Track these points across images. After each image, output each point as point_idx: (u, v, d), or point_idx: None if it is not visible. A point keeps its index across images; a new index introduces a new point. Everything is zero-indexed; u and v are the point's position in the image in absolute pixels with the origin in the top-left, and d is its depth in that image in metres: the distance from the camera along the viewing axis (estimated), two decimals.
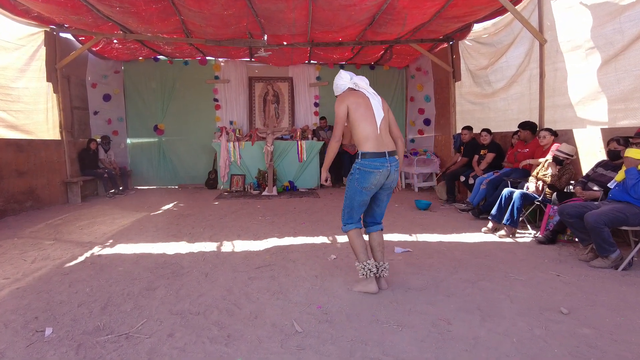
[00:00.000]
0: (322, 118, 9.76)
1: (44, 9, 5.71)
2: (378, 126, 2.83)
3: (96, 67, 8.54)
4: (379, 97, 2.95)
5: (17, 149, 6.09)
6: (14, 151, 6.01)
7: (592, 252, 3.62)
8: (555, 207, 4.34)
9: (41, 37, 6.63)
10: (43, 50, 6.69)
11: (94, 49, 7.89)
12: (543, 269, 3.43)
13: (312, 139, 9.05)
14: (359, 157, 2.81)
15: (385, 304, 2.73)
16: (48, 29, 6.71)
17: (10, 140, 5.98)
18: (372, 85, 3.00)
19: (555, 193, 4.48)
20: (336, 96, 3.02)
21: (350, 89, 2.97)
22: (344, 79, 2.97)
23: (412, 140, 10.07)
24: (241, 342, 2.24)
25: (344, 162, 9.05)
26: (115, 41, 7.64)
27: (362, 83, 2.96)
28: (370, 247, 3.04)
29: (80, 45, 7.37)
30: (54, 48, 6.91)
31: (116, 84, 9.24)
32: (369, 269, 2.85)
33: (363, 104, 2.85)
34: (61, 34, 7.06)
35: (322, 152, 9.08)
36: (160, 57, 9.31)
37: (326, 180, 3.03)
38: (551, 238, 4.23)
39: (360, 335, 2.30)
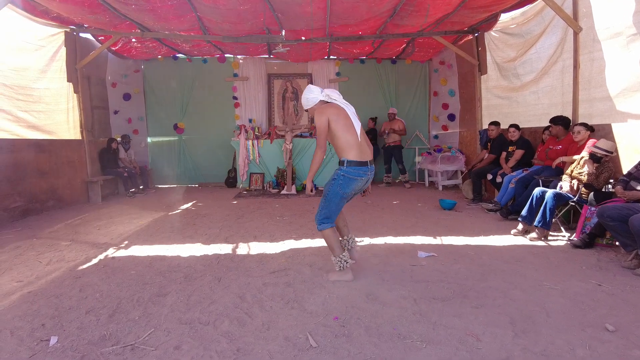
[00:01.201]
0: None
1: (61, 8, 5.71)
2: (358, 135, 2.97)
3: (116, 66, 8.58)
4: (351, 106, 3.08)
5: (39, 149, 6.14)
6: (35, 151, 6.05)
7: (637, 258, 3.30)
8: (593, 209, 4.01)
9: (61, 37, 6.67)
10: (63, 50, 6.74)
11: (113, 48, 7.92)
12: (581, 277, 3.15)
13: None
14: (345, 164, 2.94)
15: (408, 315, 2.52)
16: (68, 30, 6.74)
17: (31, 140, 6.03)
18: (394, 80, 2.89)
19: (592, 193, 4.15)
20: (306, 110, 3.16)
21: (322, 101, 3.07)
22: (314, 93, 3.07)
23: (436, 137, 9.74)
24: (251, 357, 2.08)
25: (395, 156, 8.74)
26: (133, 40, 7.64)
27: (334, 95, 3.08)
28: (337, 227, 3.23)
29: (100, 45, 7.39)
30: (74, 48, 6.94)
31: (136, 83, 9.27)
32: (345, 261, 3.05)
33: (342, 115, 2.97)
34: (81, 34, 7.09)
35: None
36: (179, 55, 9.30)
37: (311, 191, 3.12)
38: (588, 242, 3.91)
39: (380, 352, 2.10)
